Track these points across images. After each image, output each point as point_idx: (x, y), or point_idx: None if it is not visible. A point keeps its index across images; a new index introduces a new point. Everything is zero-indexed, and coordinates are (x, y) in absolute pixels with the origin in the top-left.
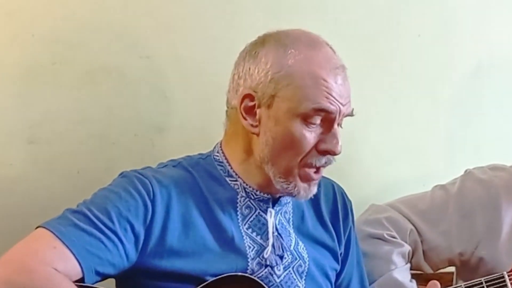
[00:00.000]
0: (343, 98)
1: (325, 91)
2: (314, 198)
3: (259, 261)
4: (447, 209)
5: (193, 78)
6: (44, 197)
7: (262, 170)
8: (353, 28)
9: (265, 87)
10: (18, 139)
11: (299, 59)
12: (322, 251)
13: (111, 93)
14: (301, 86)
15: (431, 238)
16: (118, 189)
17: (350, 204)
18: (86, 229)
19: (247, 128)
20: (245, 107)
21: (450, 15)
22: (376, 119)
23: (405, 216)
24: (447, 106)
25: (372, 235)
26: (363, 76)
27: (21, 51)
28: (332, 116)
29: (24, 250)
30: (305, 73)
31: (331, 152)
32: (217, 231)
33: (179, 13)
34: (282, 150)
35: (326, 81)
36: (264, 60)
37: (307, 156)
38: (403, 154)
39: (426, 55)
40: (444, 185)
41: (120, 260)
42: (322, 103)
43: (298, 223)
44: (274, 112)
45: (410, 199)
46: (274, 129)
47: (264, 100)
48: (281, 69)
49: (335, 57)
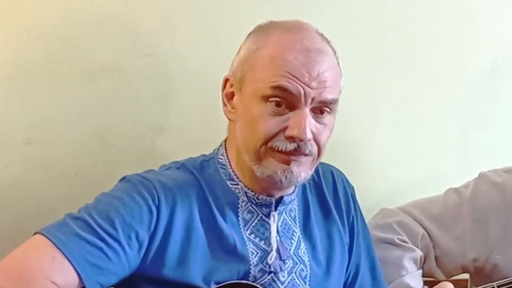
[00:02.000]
0: (315, 81)
1: (283, 69)
2: (317, 186)
3: (262, 267)
4: (461, 213)
5: (196, 77)
6: (41, 201)
7: (246, 162)
8: (361, 24)
9: (237, 70)
10: (14, 140)
11: (268, 42)
12: (329, 249)
13: (110, 93)
14: (262, 66)
15: (443, 243)
16: (121, 195)
17: (352, 189)
18: (87, 238)
19: (226, 114)
20: (226, 94)
21: (464, 11)
22: (386, 120)
23: (416, 220)
24: (460, 106)
25: (383, 240)
26: (372, 76)
27: (17, 49)
28: (295, 97)
29: (22, 259)
30: (268, 54)
31: (296, 138)
32: (220, 237)
33: (182, 9)
34: (248, 134)
35: (286, 60)
36: (243, 47)
37: (272, 140)
38: (414, 156)
39: (438, 53)
40: (458, 189)
41: (122, 269)
42: (279, 80)
43: (304, 220)
44: (243, 96)
45: (422, 203)
46: (243, 113)
47: (236, 85)
48: (249, 52)
49: (313, 40)
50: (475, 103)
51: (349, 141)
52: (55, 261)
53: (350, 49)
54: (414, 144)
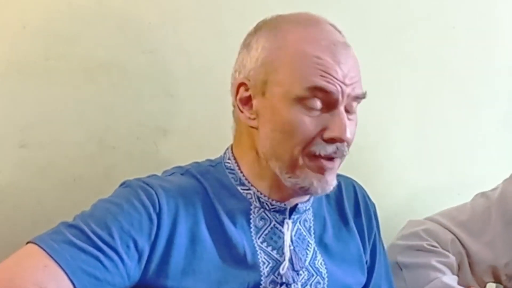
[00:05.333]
0: (347, 78)
1: (319, 68)
2: (338, 199)
3: (274, 278)
4: (490, 218)
5: (201, 74)
6: (36, 207)
7: (269, 169)
8: (378, 19)
9: (257, 74)
10: (8, 142)
11: (290, 39)
12: (346, 263)
13: (111, 92)
14: (292, 67)
15: (475, 251)
16: (120, 201)
17: (373, 207)
18: (82, 246)
19: (245, 121)
20: (241, 99)
21: (488, 5)
22: (405, 121)
23: (445, 227)
24: (485, 106)
25: (411, 247)
26: (390, 74)
27: (11, 45)
28: (334, 97)
29: (12, 268)
30: (295, 52)
31: (337, 139)
32: (228, 246)
33: (187, 3)
34: (282, 141)
35: (320, 58)
36: (255, 47)
37: (309, 145)
38: (435, 159)
39: (460, 49)
40: (485, 193)
41: (120, 280)
42: (317, 81)
43: (320, 232)
44: (269, 100)
45: (449, 211)
46: (271, 119)
47: (257, 89)
48: (270, 52)
49: (335, 34)
50: (500, 102)
51: (365, 143)
52: (47, 269)
53: (365, 45)
54: (434, 147)
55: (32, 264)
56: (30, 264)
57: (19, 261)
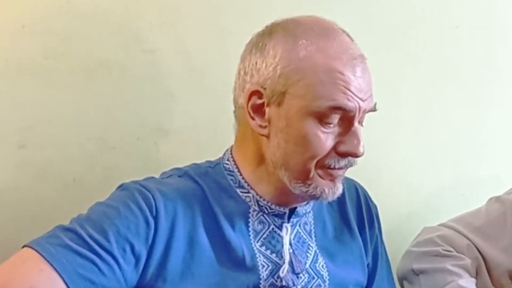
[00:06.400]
0: (363, 92)
1: (342, 85)
2: (340, 201)
3: (273, 281)
4: (506, 221)
5: (203, 74)
6: (35, 208)
7: (275, 176)
8: (381, 17)
9: (274, 83)
10: (7, 143)
11: (311, 50)
12: (348, 266)
13: (110, 92)
14: (314, 81)
15: (492, 255)
16: (116, 204)
17: (375, 208)
18: (78, 250)
19: (256, 129)
20: (253, 106)
21: (492, 4)
22: (408, 121)
23: (460, 233)
24: (489, 106)
25: (427, 253)
26: (393, 73)
27: (10, 44)
28: (351, 114)
29: (8, 272)
30: (318, 66)
31: (352, 154)
32: (226, 249)
33: (186, 3)
34: (296, 153)
35: (343, 74)
36: (272, 53)
37: (323, 159)
38: (439, 160)
39: (465, 49)
40: (500, 196)
41: (117, 285)
42: (339, 100)
43: (321, 234)
44: (285, 111)
45: (464, 217)
46: (285, 130)
47: (273, 98)
48: (291, 63)
49: (352, 46)
50: (504, 102)
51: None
52: (43, 273)
53: (368, 44)
54: (438, 148)
55: (28, 268)
56: (26, 268)
57: (15, 265)
